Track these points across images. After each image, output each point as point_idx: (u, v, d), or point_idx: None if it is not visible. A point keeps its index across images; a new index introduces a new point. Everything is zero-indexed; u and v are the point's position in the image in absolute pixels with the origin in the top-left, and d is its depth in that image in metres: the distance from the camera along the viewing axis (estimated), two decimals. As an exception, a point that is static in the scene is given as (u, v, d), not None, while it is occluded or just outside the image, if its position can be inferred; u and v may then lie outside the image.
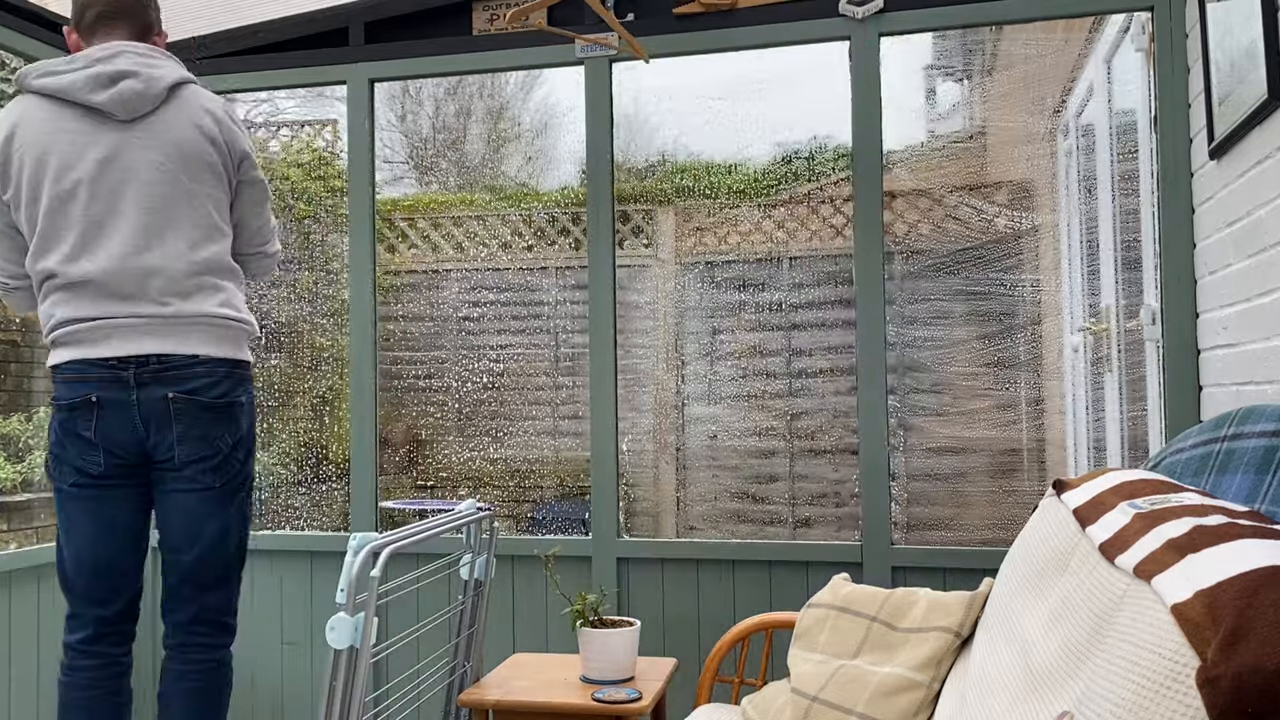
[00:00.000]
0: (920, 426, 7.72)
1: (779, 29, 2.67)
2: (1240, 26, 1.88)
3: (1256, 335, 1.90)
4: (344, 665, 1.83)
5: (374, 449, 2.90)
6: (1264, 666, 0.84)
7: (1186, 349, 2.36)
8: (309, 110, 13.60)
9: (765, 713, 1.82)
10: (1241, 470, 1.42)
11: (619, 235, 9.19)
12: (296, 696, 2.93)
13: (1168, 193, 2.40)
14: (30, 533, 5.89)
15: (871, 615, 1.85)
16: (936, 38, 10.28)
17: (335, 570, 2.84)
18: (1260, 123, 1.83)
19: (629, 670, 2.17)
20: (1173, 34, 2.40)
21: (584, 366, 7.44)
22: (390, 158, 16.41)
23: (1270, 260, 1.81)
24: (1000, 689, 1.32)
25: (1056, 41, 4.91)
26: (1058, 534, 1.43)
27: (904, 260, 7.78)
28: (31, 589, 2.73)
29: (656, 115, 11.66)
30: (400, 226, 10.24)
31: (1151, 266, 2.64)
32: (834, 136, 10.85)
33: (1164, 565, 1.06)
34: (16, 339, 6.65)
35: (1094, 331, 3.92)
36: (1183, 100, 2.38)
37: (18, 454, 6.24)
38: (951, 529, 7.72)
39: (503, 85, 16.01)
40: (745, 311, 8.26)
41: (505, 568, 2.77)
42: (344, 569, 1.86)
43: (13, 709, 2.66)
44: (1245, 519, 1.14)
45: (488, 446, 9.56)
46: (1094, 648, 1.11)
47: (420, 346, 9.62)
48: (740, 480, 8.52)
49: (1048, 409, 6.36)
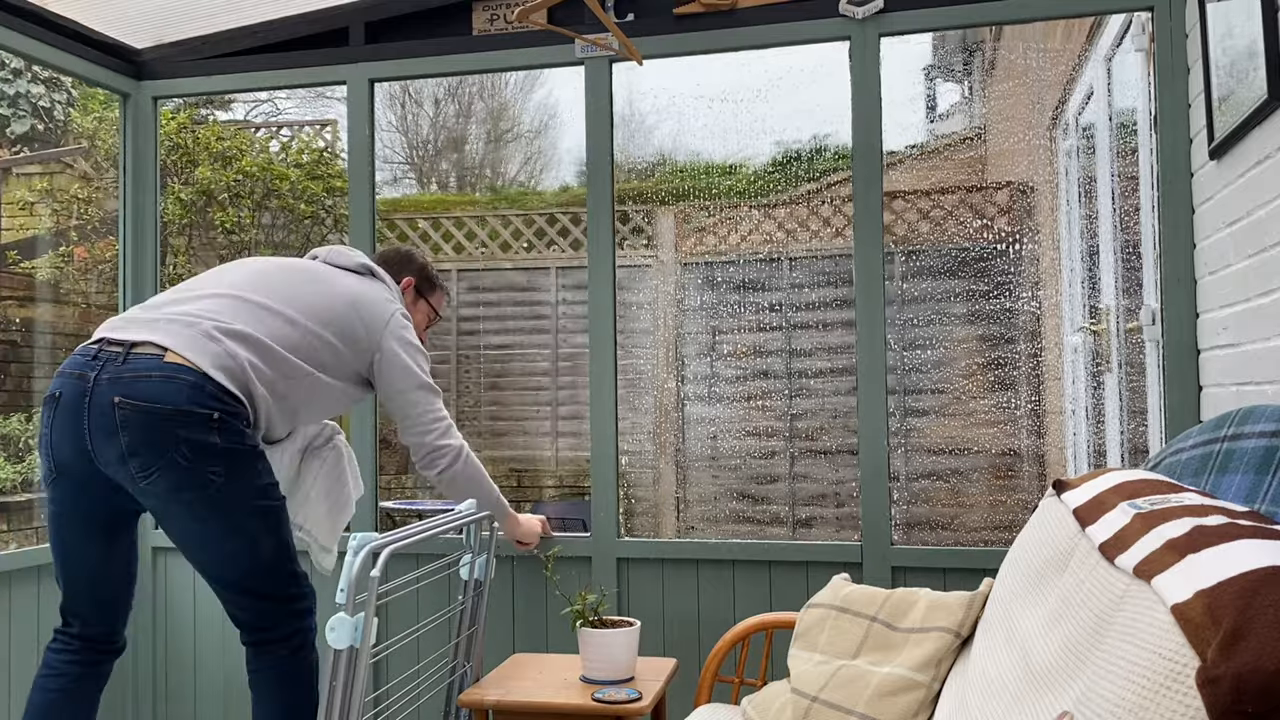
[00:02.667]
0: (920, 427, 7.73)
1: (779, 29, 2.67)
2: (1240, 26, 1.88)
3: (1256, 335, 1.90)
4: (344, 665, 1.83)
5: (374, 449, 2.90)
6: (1264, 666, 0.84)
7: (1186, 349, 2.36)
8: (309, 110, 13.49)
9: (765, 713, 1.82)
10: (1241, 470, 1.42)
11: (619, 236, 9.14)
12: (296, 696, 2.93)
13: (1168, 193, 2.40)
14: (30, 533, 5.89)
15: (871, 615, 1.85)
16: (936, 38, 10.27)
17: (335, 570, 2.84)
18: (1260, 123, 1.83)
19: (629, 670, 2.17)
20: (1173, 34, 2.40)
21: (584, 366, 7.45)
22: (390, 158, 16.33)
23: (1270, 260, 1.81)
24: (1000, 689, 1.32)
25: (1056, 42, 4.91)
26: (1058, 534, 1.43)
27: (904, 260, 7.79)
28: (31, 589, 2.73)
29: (656, 115, 11.59)
30: (400, 226, 10.23)
31: (1151, 267, 2.65)
32: (834, 136, 10.85)
33: (1164, 565, 1.06)
34: (16, 339, 6.65)
35: (1094, 332, 3.92)
36: (1183, 100, 2.38)
37: (18, 454, 6.24)
38: (951, 529, 7.72)
39: (503, 85, 15.96)
40: (745, 312, 8.27)
41: (505, 568, 2.77)
42: (344, 569, 1.86)
43: (13, 709, 2.66)
44: (1245, 519, 1.14)
45: (488, 446, 9.56)
46: (1094, 648, 1.11)
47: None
48: (740, 480, 8.53)
49: (1047, 409, 6.36)
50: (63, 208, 7.30)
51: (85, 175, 7.78)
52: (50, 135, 9.03)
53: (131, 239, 3.09)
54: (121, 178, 3.11)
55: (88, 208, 7.23)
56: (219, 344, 2.06)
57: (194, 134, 7.31)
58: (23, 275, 7.02)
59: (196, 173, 7.15)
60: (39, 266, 7.07)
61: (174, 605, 3.02)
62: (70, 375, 2.05)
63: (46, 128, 9.03)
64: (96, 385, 1.99)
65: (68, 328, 7.13)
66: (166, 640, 3.02)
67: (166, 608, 3.03)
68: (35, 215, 7.57)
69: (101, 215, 7.26)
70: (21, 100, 8.87)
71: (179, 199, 7.07)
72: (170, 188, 7.05)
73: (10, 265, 7.03)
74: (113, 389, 1.98)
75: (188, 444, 1.97)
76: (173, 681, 3.01)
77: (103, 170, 7.75)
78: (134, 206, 3.09)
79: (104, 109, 8.19)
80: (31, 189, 7.48)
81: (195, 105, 8.50)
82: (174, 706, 3.00)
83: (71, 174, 7.77)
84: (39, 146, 8.74)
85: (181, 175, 7.21)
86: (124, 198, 3.10)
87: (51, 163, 7.87)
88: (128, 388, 1.98)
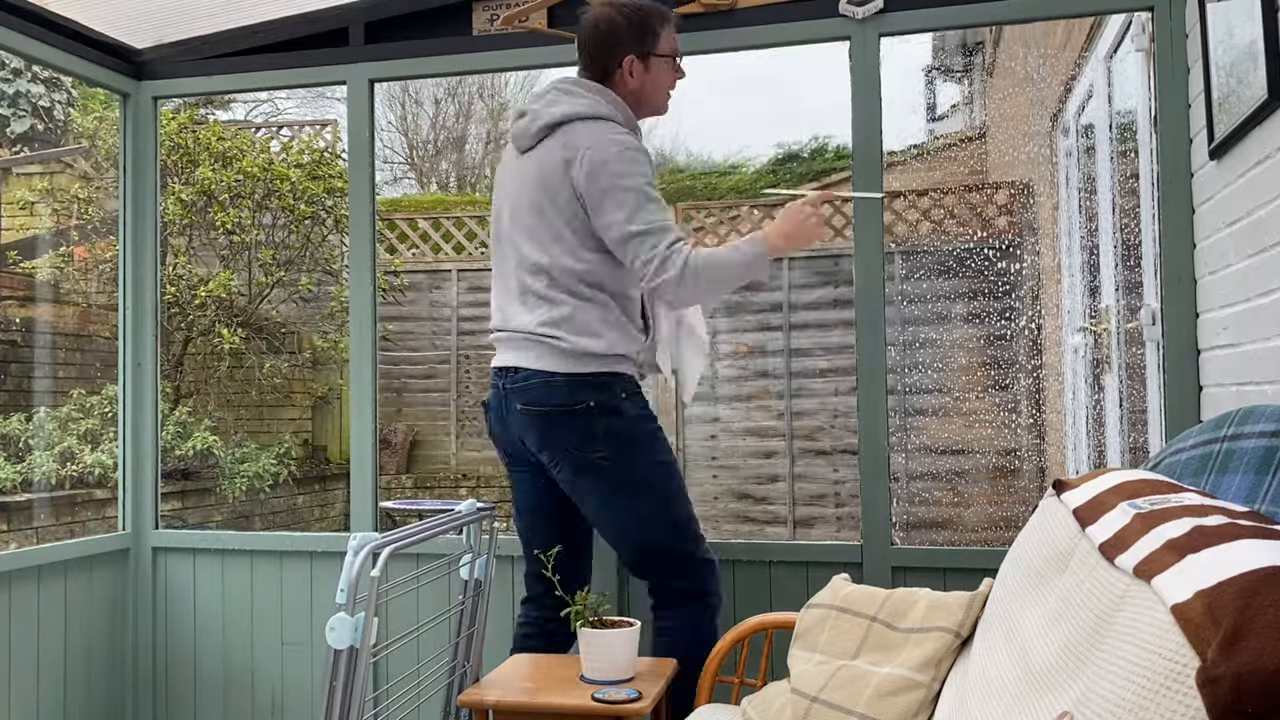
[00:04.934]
0: (920, 426, 7.72)
1: (779, 29, 2.67)
2: (1240, 26, 1.88)
3: (1257, 335, 1.90)
4: (344, 665, 1.83)
5: (374, 449, 2.90)
6: (1264, 666, 0.84)
7: (1186, 349, 2.36)
8: (309, 110, 13.42)
9: (765, 713, 1.82)
10: (1241, 470, 1.42)
11: (619, 235, 8.91)
12: (296, 696, 2.94)
13: (1168, 193, 2.40)
14: (30, 533, 5.89)
15: (871, 615, 1.85)
16: (936, 39, 10.21)
17: (335, 570, 2.84)
18: (1260, 123, 1.83)
19: (629, 670, 2.17)
20: (1173, 34, 2.40)
21: (584, 366, 7.34)
22: (390, 158, 16.20)
23: (1270, 260, 1.81)
24: (1000, 689, 1.32)
25: (1057, 42, 4.91)
26: (1058, 534, 1.43)
27: (904, 260, 7.78)
28: (32, 589, 2.73)
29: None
30: (400, 226, 10.21)
31: (1151, 266, 2.65)
32: (834, 136, 10.82)
33: (1164, 565, 1.06)
34: (17, 339, 6.65)
35: (1094, 331, 3.92)
36: (1183, 100, 2.38)
37: (18, 454, 6.24)
38: (951, 529, 7.71)
39: (503, 85, 15.88)
40: (745, 311, 8.27)
41: (505, 568, 2.77)
42: (344, 569, 1.86)
43: (13, 709, 2.66)
44: (1245, 519, 1.14)
45: (488, 446, 9.52)
46: (1094, 648, 1.11)
47: (421, 346, 9.60)
48: (740, 480, 8.52)
49: (1048, 409, 6.36)
50: (63, 208, 7.30)
51: (85, 175, 7.79)
52: (50, 135, 9.03)
53: (131, 239, 3.09)
54: (121, 178, 3.11)
55: (88, 208, 7.24)
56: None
57: (194, 134, 7.31)
58: (23, 275, 7.02)
59: (197, 173, 7.15)
60: (39, 266, 7.07)
61: (174, 605, 3.02)
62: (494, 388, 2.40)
63: (46, 127, 9.03)
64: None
65: (68, 328, 7.13)
66: (167, 640, 3.02)
67: (167, 608, 3.03)
68: (35, 215, 7.57)
69: (101, 215, 7.26)
70: (21, 100, 8.87)
71: (179, 199, 7.07)
72: (170, 188, 7.06)
73: (10, 265, 7.04)
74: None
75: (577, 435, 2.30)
76: (173, 682, 3.01)
77: (103, 170, 7.75)
78: (134, 206, 3.09)
79: (104, 109, 8.20)
80: (31, 189, 7.48)
81: (195, 105, 8.50)
82: (174, 707, 3.00)
83: (71, 174, 7.77)
84: (39, 146, 8.74)
85: (182, 175, 7.21)
86: (124, 198, 3.10)
87: (51, 162, 7.88)
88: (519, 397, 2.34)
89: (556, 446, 2.24)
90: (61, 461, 6.20)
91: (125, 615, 3.02)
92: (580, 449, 2.22)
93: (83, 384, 6.81)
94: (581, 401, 2.20)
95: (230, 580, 2.99)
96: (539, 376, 2.22)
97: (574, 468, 2.25)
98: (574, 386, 2.20)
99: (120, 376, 3.07)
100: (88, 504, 6.23)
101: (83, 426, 6.40)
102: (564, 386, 2.20)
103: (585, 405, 2.20)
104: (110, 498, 6.22)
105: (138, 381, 3.06)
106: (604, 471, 2.23)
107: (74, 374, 6.96)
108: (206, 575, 3.01)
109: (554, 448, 2.25)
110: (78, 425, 6.40)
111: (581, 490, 2.28)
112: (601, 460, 2.22)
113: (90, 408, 6.52)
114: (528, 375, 2.24)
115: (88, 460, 6.22)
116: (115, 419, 3.45)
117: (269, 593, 2.96)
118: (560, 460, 2.25)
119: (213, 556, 3.01)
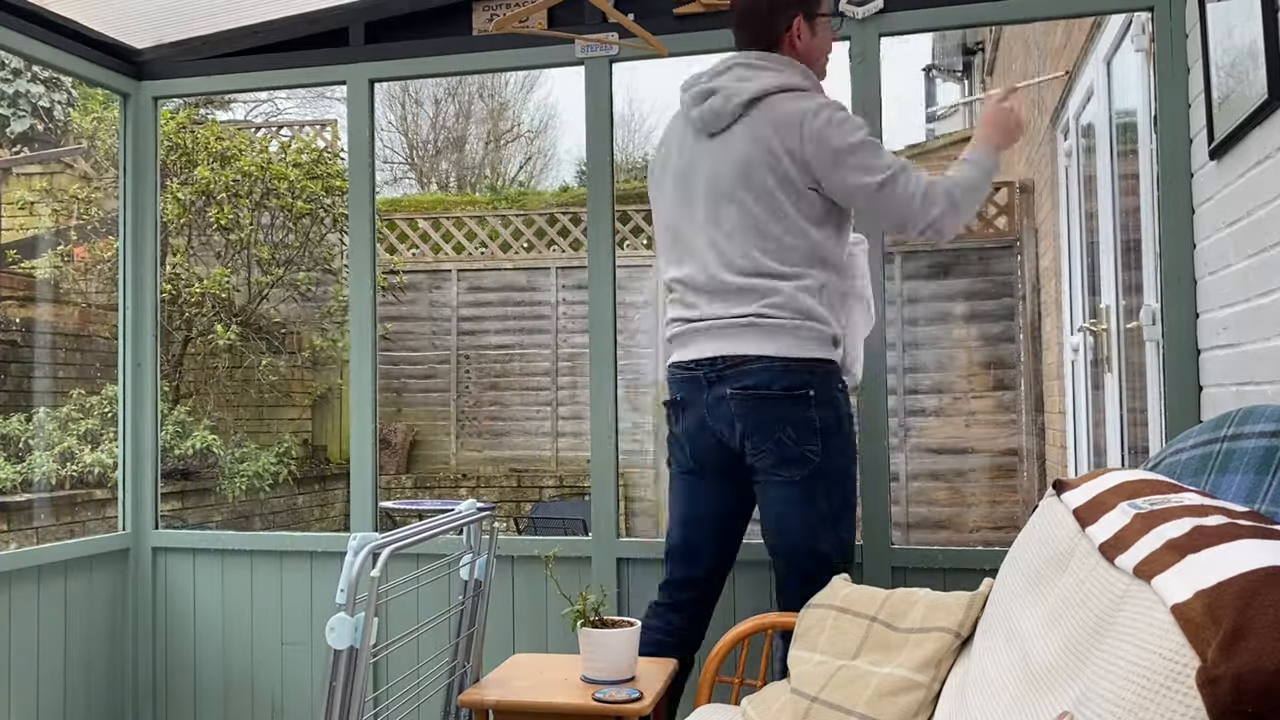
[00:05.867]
0: (920, 426, 7.71)
1: (779, 29, 2.66)
2: (1240, 26, 1.88)
3: (1257, 335, 1.90)
4: (344, 665, 1.83)
5: (374, 449, 2.90)
6: (1264, 666, 0.84)
7: (1186, 349, 2.36)
8: (309, 110, 13.39)
9: (765, 713, 1.82)
10: (1241, 470, 1.42)
11: (619, 236, 9.14)
12: (296, 696, 2.94)
13: (1168, 193, 2.40)
14: (30, 533, 5.89)
15: (871, 615, 1.85)
16: (936, 39, 10.21)
17: (335, 570, 2.84)
18: (1260, 123, 1.83)
19: (629, 670, 2.17)
20: (1173, 34, 2.39)
21: (584, 366, 7.42)
22: (390, 158, 16.18)
23: (1270, 260, 1.81)
24: (1000, 689, 1.32)
25: (1056, 42, 4.91)
26: (1058, 534, 1.43)
27: (904, 260, 7.77)
28: (32, 589, 2.73)
29: (656, 115, 11.51)
30: (400, 226, 10.20)
31: (1151, 266, 2.65)
32: (834, 136, 10.52)
33: (1164, 565, 1.06)
34: (17, 339, 6.65)
35: (1094, 331, 3.92)
36: (1183, 100, 2.38)
37: (18, 454, 6.24)
38: (951, 529, 7.70)
39: (503, 85, 15.87)
40: (745, 311, 8.21)
41: (505, 568, 2.77)
42: (344, 569, 1.86)
43: (13, 709, 2.66)
44: (1245, 519, 1.14)
45: (488, 446, 9.53)
46: (1094, 648, 1.11)
47: (420, 346, 9.59)
48: (740, 480, 8.44)
49: (1048, 409, 6.35)
50: (63, 208, 7.30)
51: (85, 175, 7.79)
52: (50, 135, 9.03)
53: (131, 239, 3.09)
54: (121, 178, 3.11)
55: (88, 208, 7.23)
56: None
57: (193, 134, 7.30)
58: (23, 275, 7.02)
59: (195, 172, 7.15)
60: (39, 266, 7.07)
61: (174, 605, 3.02)
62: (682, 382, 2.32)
63: (46, 127, 9.03)
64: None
65: (68, 328, 7.13)
66: (166, 640, 3.02)
67: (166, 608, 3.03)
68: (35, 215, 7.57)
69: (101, 215, 7.26)
70: (21, 100, 8.87)
71: (177, 199, 7.07)
72: (168, 188, 7.05)
73: (10, 265, 7.03)
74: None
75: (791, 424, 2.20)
76: (173, 682, 3.01)
77: (103, 170, 7.75)
78: (134, 206, 3.09)
79: (104, 109, 8.19)
80: (31, 189, 7.48)
81: (195, 105, 8.49)
82: (174, 707, 3.00)
83: (71, 174, 7.77)
84: (39, 146, 8.74)
85: (180, 175, 7.21)
86: (124, 198, 3.10)
87: (51, 163, 7.88)
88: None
89: (768, 434, 2.14)
90: (61, 461, 6.20)
91: (125, 615, 3.02)
92: (795, 440, 2.13)
93: (82, 384, 6.80)
94: (802, 388, 2.13)
95: (230, 580, 2.99)
96: (760, 361, 2.13)
97: (780, 458, 2.14)
98: (795, 371, 2.13)
99: (120, 376, 3.07)
100: (88, 504, 6.23)
101: (82, 426, 6.40)
102: (784, 371, 2.12)
103: (805, 393, 2.13)
104: (110, 498, 6.22)
105: (137, 381, 3.06)
106: (809, 465, 2.14)
107: (74, 374, 6.96)
108: (206, 575, 3.01)
109: (764, 434, 2.14)
110: (77, 425, 6.40)
111: (774, 482, 2.17)
112: (810, 453, 2.13)
113: (90, 408, 6.52)
114: (743, 360, 2.14)
115: (87, 460, 6.22)
116: (115, 419, 3.45)
117: (269, 593, 2.96)
118: (767, 448, 2.15)
119: (213, 556, 3.01)
